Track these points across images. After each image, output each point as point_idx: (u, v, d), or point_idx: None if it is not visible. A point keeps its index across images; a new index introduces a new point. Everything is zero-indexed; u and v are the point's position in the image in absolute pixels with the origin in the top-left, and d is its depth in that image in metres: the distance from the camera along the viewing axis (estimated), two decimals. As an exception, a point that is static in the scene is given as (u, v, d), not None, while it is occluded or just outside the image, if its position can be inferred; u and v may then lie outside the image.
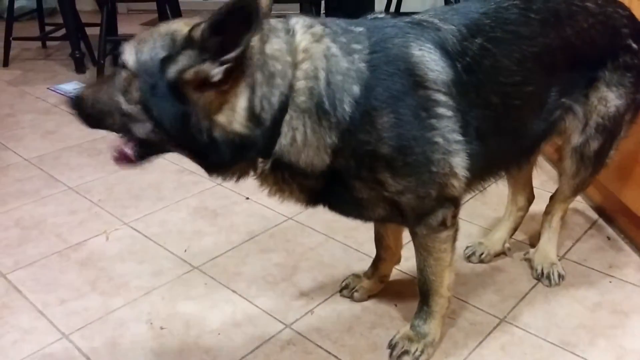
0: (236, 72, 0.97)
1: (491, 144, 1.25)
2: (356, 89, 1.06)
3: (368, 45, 1.09)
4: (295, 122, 1.04)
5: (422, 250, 1.30)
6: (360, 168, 1.11)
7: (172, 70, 0.98)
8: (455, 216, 1.25)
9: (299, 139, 1.05)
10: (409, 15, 1.21)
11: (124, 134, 1.08)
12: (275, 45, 1.02)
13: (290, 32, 1.05)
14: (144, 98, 1.00)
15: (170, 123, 1.00)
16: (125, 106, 1.03)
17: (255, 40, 0.99)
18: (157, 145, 1.08)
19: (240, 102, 1.00)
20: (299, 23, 1.07)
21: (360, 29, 1.12)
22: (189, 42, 0.97)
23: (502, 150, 1.33)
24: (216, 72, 0.95)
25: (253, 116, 1.01)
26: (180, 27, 1.01)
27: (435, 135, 1.11)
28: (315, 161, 1.08)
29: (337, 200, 1.21)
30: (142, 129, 1.03)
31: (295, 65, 1.03)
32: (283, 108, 1.03)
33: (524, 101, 1.27)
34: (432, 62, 1.12)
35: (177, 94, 0.98)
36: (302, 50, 1.04)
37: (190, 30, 0.97)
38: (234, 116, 1.00)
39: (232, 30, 0.93)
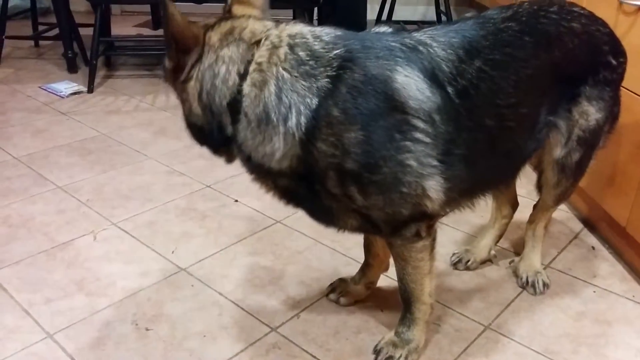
0: (193, 66, 1.13)
1: (481, 165, 1.27)
2: (314, 102, 1.09)
3: (339, 64, 1.10)
4: (244, 122, 1.13)
5: (400, 260, 1.31)
6: (327, 179, 1.14)
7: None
8: (431, 227, 1.26)
9: (249, 138, 1.14)
10: (408, 32, 1.21)
11: None
12: (228, 52, 1.13)
13: (257, 44, 1.13)
14: None
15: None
16: None
17: (216, 42, 1.13)
18: None
19: (192, 93, 1.15)
20: (269, 38, 1.14)
21: (340, 46, 1.13)
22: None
23: (493, 171, 1.35)
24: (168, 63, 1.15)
25: (204, 107, 1.15)
26: None
27: (408, 158, 1.12)
28: (271, 163, 1.15)
29: (310, 206, 1.25)
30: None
31: (245, 73, 1.11)
32: (232, 104, 1.12)
33: (518, 122, 1.28)
34: (416, 90, 1.12)
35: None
36: (256, 63, 1.13)
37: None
38: (192, 105, 1.16)
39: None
